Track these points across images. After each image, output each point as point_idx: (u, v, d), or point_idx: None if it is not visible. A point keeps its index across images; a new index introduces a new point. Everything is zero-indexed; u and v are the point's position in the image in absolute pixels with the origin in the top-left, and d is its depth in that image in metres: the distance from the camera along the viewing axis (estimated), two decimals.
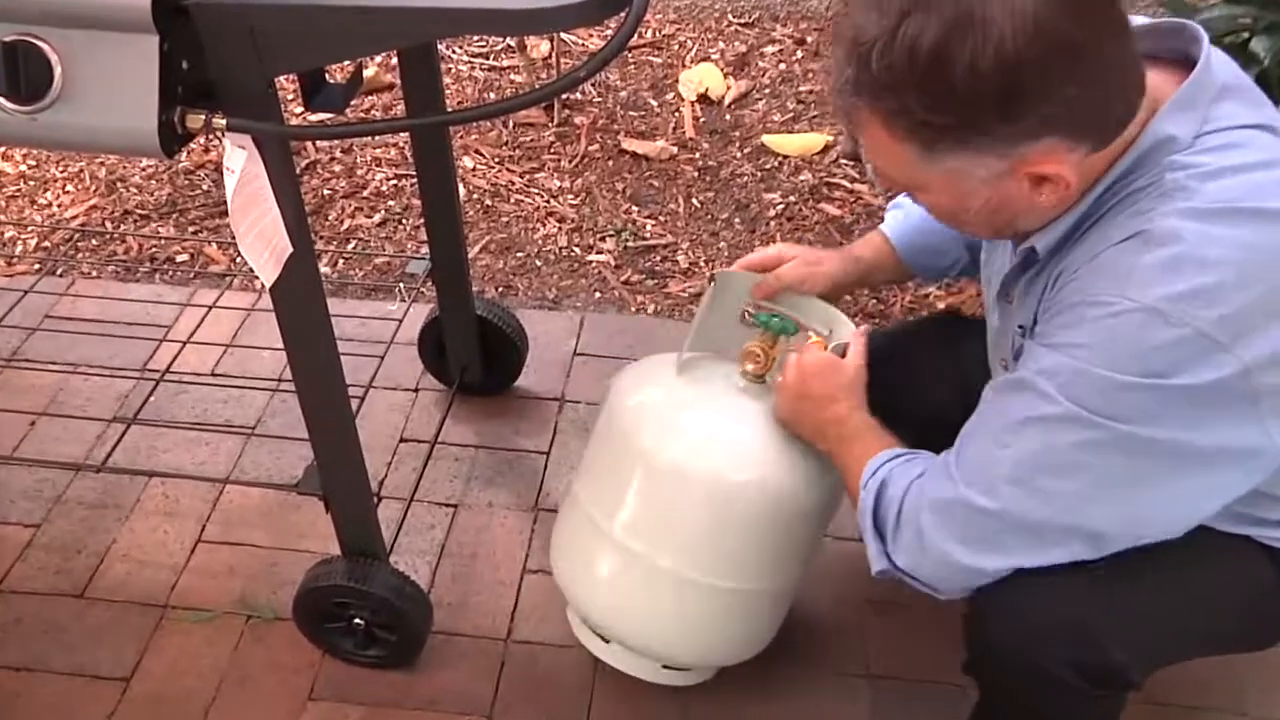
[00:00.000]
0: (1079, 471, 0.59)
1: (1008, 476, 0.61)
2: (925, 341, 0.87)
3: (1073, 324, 0.58)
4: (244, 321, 1.27)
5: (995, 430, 0.62)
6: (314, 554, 1.00)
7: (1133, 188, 0.59)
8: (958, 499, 0.63)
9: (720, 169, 1.54)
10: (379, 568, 0.89)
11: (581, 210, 1.48)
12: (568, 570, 0.85)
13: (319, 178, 1.54)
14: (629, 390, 0.83)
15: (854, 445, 0.72)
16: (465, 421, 1.17)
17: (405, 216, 1.48)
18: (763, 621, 0.84)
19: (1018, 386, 0.61)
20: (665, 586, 0.78)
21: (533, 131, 1.62)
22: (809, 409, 0.75)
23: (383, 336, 1.12)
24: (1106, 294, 0.57)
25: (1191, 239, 0.56)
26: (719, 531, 0.77)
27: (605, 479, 0.81)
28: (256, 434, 1.13)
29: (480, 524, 1.07)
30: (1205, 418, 0.57)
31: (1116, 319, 0.56)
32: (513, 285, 1.37)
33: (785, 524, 0.78)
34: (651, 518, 0.79)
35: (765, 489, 0.76)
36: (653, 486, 0.78)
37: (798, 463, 0.77)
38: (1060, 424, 0.59)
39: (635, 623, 0.81)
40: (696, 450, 0.77)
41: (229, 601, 0.99)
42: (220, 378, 1.18)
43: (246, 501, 1.08)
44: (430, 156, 0.96)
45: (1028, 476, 0.61)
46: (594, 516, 0.81)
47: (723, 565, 0.78)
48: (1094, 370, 0.57)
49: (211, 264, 1.41)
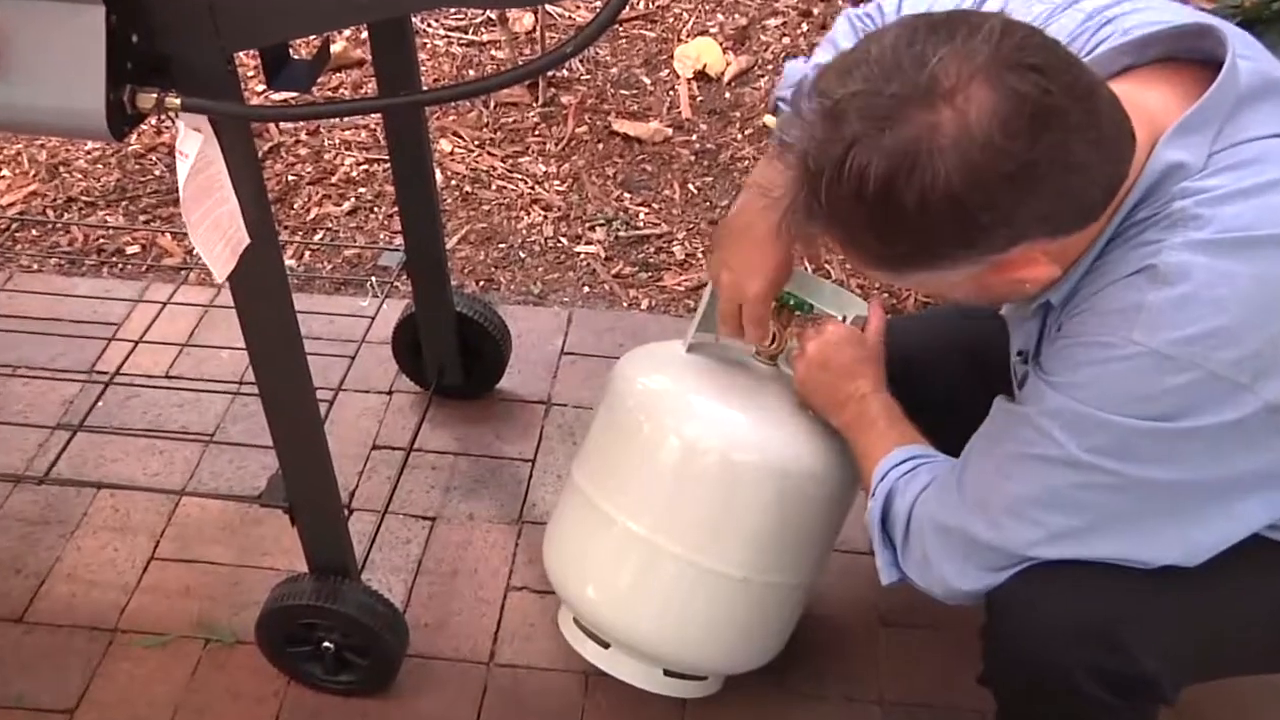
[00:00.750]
0: (1083, 510, 0.61)
1: (1008, 509, 0.63)
2: (944, 329, 0.88)
3: (1077, 364, 0.59)
4: (201, 319, 1.27)
5: (999, 457, 0.64)
6: (278, 571, 1.00)
7: (1138, 218, 0.58)
8: (960, 527, 0.65)
9: (719, 152, 1.54)
10: (350, 586, 0.89)
11: (569, 197, 1.48)
12: (564, 561, 0.84)
13: (283, 163, 1.54)
14: (636, 371, 0.84)
15: (869, 432, 0.74)
16: (443, 427, 1.16)
17: (377, 204, 1.48)
18: (775, 620, 0.84)
19: (1025, 422, 0.62)
20: (671, 574, 0.79)
21: (516, 112, 1.62)
22: (828, 380, 0.77)
23: (353, 335, 1.11)
24: (1111, 335, 0.57)
25: (1201, 276, 0.56)
26: (730, 514, 0.78)
27: (608, 462, 0.82)
28: (215, 441, 1.13)
29: (460, 538, 1.07)
30: (1224, 453, 0.58)
31: (1122, 363, 0.57)
32: (494, 279, 1.37)
33: (799, 508, 0.79)
34: (659, 500, 0.79)
35: (777, 471, 0.77)
36: (661, 467, 0.79)
37: (813, 444, 0.78)
38: (1062, 466, 0.60)
39: (638, 617, 0.81)
40: (707, 430, 0.78)
41: (185, 624, 0.99)
42: (175, 380, 1.18)
43: (204, 515, 1.08)
44: (404, 139, 0.96)
45: (1028, 511, 0.62)
46: (595, 500, 0.81)
47: (734, 551, 0.78)
48: (1099, 414, 0.58)
49: (165, 256, 1.40)
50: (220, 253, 0.68)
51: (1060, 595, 0.62)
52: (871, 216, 0.54)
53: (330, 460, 0.84)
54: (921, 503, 0.68)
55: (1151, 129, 0.58)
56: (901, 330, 0.81)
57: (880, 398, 0.76)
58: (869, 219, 0.55)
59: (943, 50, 0.53)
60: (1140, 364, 0.56)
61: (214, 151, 0.65)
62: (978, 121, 0.52)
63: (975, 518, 0.64)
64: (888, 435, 0.73)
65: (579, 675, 0.94)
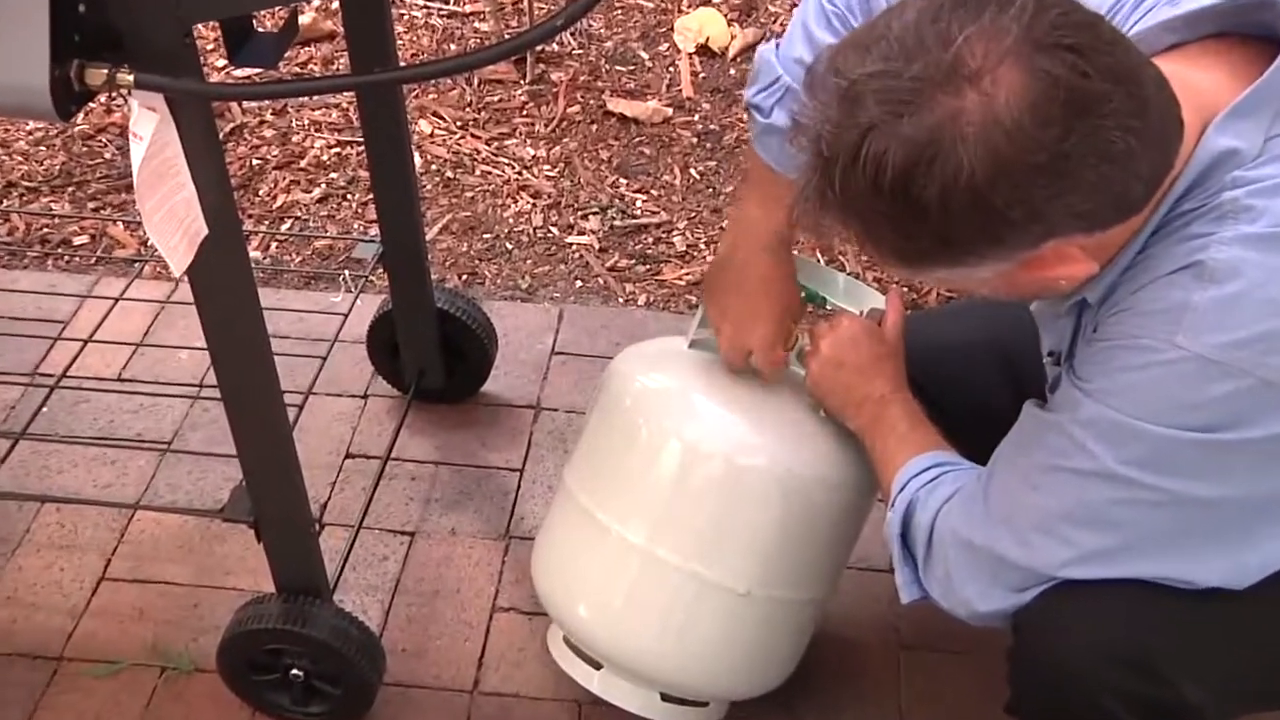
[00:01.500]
0: (1119, 527, 0.60)
1: (1037, 525, 0.62)
2: (971, 324, 0.87)
3: (1116, 369, 0.58)
4: (157, 316, 1.26)
5: (1028, 468, 0.63)
6: (242, 592, 1.00)
7: (1183, 209, 0.57)
8: (985, 544, 0.65)
9: (724, 134, 1.54)
10: (321, 608, 0.88)
11: (559, 184, 1.48)
12: (554, 573, 0.84)
13: (246, 145, 1.53)
14: (634, 369, 0.83)
15: (889, 436, 0.74)
16: (423, 433, 1.16)
17: (350, 191, 1.47)
18: (784, 640, 0.84)
19: (1057, 430, 0.61)
20: (670, 587, 0.78)
21: (501, 90, 1.61)
22: (844, 380, 0.77)
23: (325, 334, 1.11)
24: (1152, 337, 0.56)
25: (1253, 274, 0.55)
26: (735, 523, 0.78)
27: (603, 466, 0.82)
28: (173, 450, 1.12)
29: (441, 555, 1.06)
30: (1275, 469, 0.57)
31: (1165, 368, 0.56)
32: (479, 272, 1.37)
33: (810, 517, 0.79)
34: (658, 508, 0.79)
35: (787, 476, 0.77)
36: (660, 472, 0.79)
37: (826, 448, 0.78)
38: (1097, 480, 0.59)
39: (633, 634, 0.80)
40: (711, 432, 0.78)
41: (139, 651, 0.98)
42: (129, 383, 1.17)
43: (161, 531, 1.07)
44: (380, 120, 0.96)
45: (1059, 528, 0.61)
46: (588, 507, 0.81)
47: (738, 563, 0.78)
48: (1137, 424, 0.57)
49: (117, 247, 1.39)
50: (177, 244, 0.68)
51: (1093, 616, 0.62)
52: (889, 209, 0.53)
53: (299, 470, 0.84)
54: (944, 516, 0.68)
55: (1201, 113, 0.57)
56: (924, 325, 0.80)
57: (900, 399, 0.75)
58: (886, 212, 0.54)
59: (969, 28, 0.51)
60: (1184, 369, 0.56)
61: (170, 133, 0.64)
62: (1006, 107, 0.50)
63: (1002, 534, 0.64)
64: (908, 440, 0.73)
65: (571, 704, 0.94)
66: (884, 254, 0.58)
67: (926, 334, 0.81)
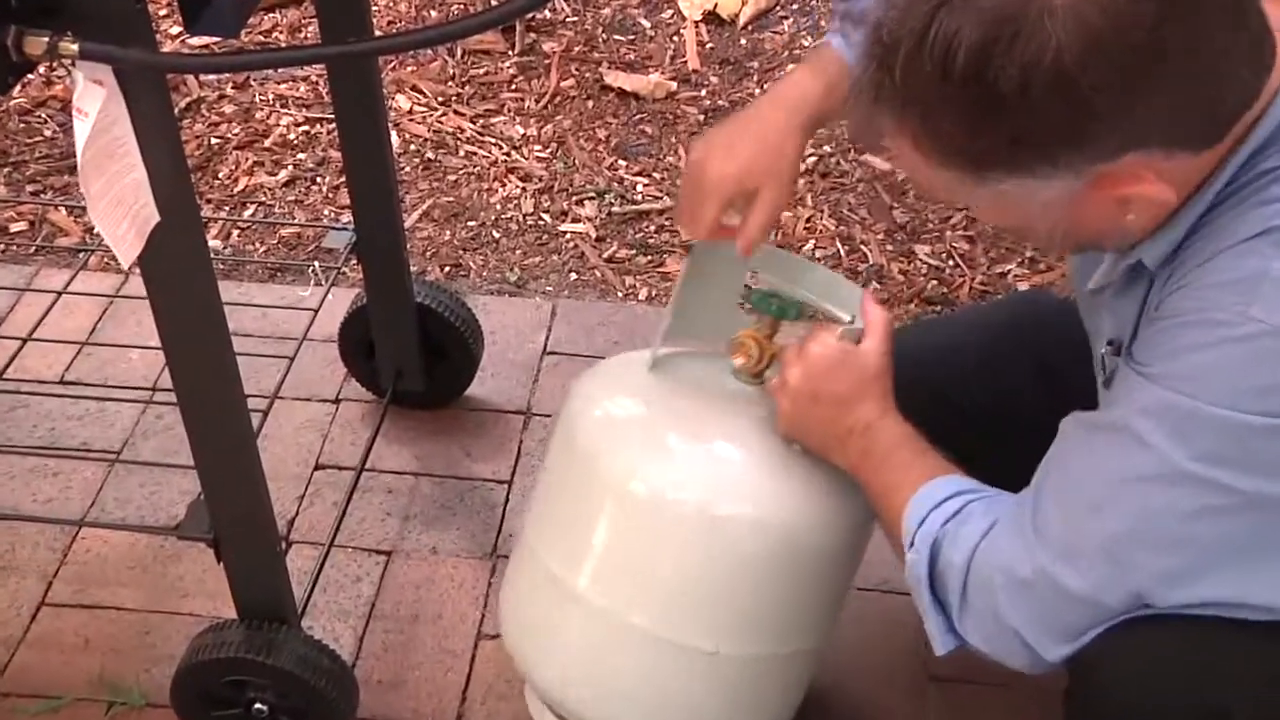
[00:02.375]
0: (1191, 542, 0.59)
1: (1102, 550, 0.61)
2: (1001, 330, 0.86)
3: (1182, 349, 0.57)
4: (105, 312, 1.25)
5: (1084, 487, 0.61)
6: (200, 618, 0.99)
7: (1261, 168, 0.57)
8: (1043, 579, 0.62)
9: (733, 110, 1.54)
10: (287, 635, 0.88)
11: (552, 166, 1.48)
12: (521, 635, 0.84)
13: (205, 122, 1.53)
14: (591, 398, 0.81)
15: (886, 467, 0.71)
16: (401, 442, 1.16)
17: (320, 173, 1.47)
18: (770, 697, 0.83)
19: (1111, 431, 0.60)
20: (642, 653, 0.78)
21: (488, 62, 1.61)
22: (821, 416, 0.73)
23: (293, 332, 1.11)
24: (1226, 310, 0.55)
25: None
26: (709, 581, 0.76)
27: (563, 516, 0.81)
28: (123, 460, 1.12)
29: (421, 576, 1.06)
30: None
31: (1240, 344, 0.55)
32: (463, 264, 1.36)
33: (796, 570, 0.77)
34: (624, 565, 0.78)
35: (767, 524, 0.75)
36: (624, 524, 0.77)
37: (810, 488, 0.76)
38: (1165, 485, 0.58)
39: (608, 702, 0.80)
40: (678, 476, 0.76)
41: (84, 684, 0.98)
42: (73, 386, 1.17)
43: (109, 550, 1.07)
44: (353, 95, 0.95)
45: (1126, 552, 0.60)
46: (550, 565, 0.80)
47: (716, 624, 0.77)
48: (1212, 410, 0.56)
49: (59, 235, 1.39)
50: (125, 233, 0.67)
51: (1164, 659, 0.61)
52: (958, 99, 0.52)
53: (264, 483, 0.84)
54: (985, 552, 0.64)
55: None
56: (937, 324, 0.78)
57: (890, 423, 0.71)
58: (955, 101, 0.52)
59: None
60: (1261, 346, 0.54)
61: (119, 109, 0.64)
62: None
63: (1061, 566, 0.62)
64: (914, 468, 0.69)
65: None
66: (941, 157, 0.55)
67: (940, 332, 0.80)
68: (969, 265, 1.36)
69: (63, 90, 1.53)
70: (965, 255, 1.37)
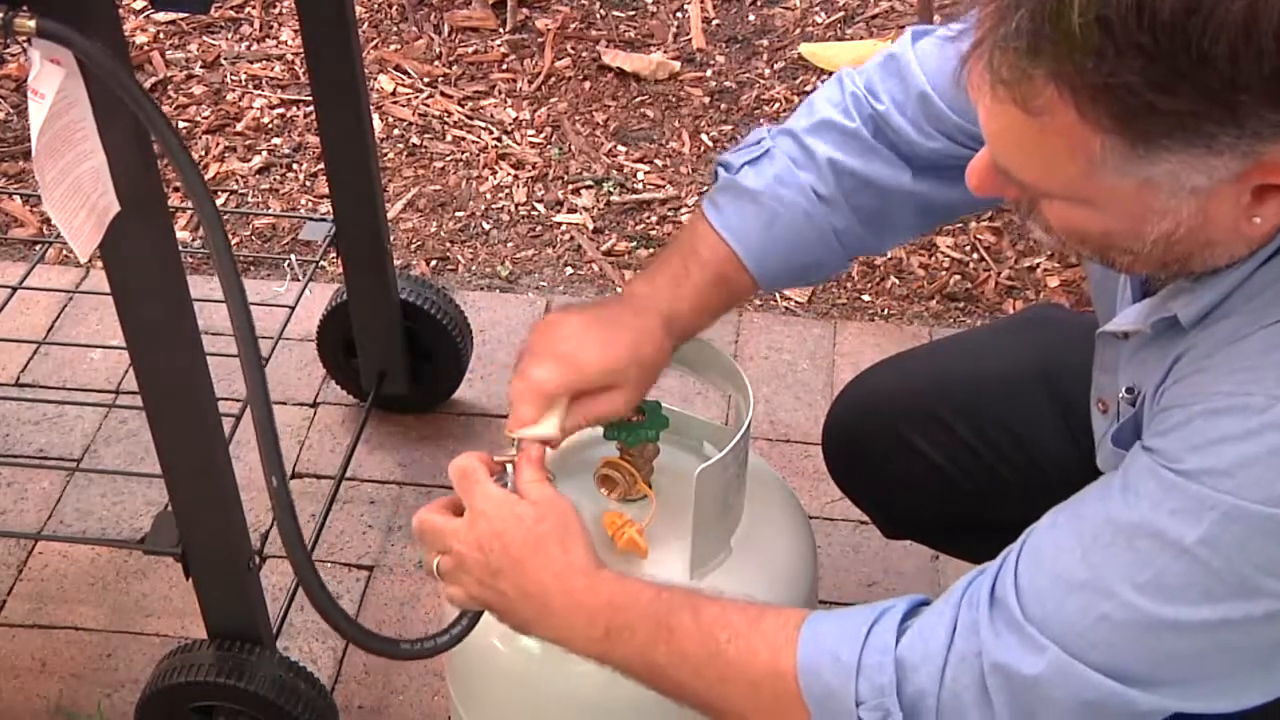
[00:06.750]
0: (1226, 654, 0.55)
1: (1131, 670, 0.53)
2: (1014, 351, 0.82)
3: (1213, 440, 0.53)
4: (64, 309, 1.25)
5: (1097, 588, 0.54)
6: (167, 639, 0.99)
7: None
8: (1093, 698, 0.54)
9: (741, 92, 1.54)
10: (261, 657, 0.88)
11: (547, 152, 1.47)
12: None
13: (172, 104, 1.53)
14: None
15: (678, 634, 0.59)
16: (384, 449, 1.15)
17: (298, 160, 1.47)
18: None
19: (1135, 535, 0.54)
20: None
21: (477, 40, 1.61)
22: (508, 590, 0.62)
23: (267, 330, 1.10)
24: (1260, 394, 0.52)
25: None
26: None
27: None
28: (83, 469, 1.12)
29: (405, 593, 1.06)
30: None
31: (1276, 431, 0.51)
32: (450, 257, 1.36)
33: None
34: None
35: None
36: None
37: None
38: (1207, 599, 0.53)
39: None
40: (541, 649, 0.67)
41: (40, 710, 0.98)
42: (29, 389, 1.17)
43: (68, 565, 1.07)
44: (331, 75, 0.95)
45: (1161, 676, 0.54)
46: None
47: None
48: (1255, 509, 0.51)
49: (14, 225, 1.38)
50: (81, 224, 0.67)
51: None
52: (1160, 46, 0.46)
53: (237, 493, 0.83)
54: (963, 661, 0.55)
55: None
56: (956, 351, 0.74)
57: (612, 575, 0.61)
58: (1153, 51, 0.46)
59: None
60: None
61: (78, 90, 0.63)
62: None
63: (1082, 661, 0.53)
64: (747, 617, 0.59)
65: None
66: (1095, 132, 0.49)
67: (960, 363, 0.75)
68: (994, 259, 1.36)
69: (17, 69, 1.53)
70: (991, 248, 1.37)
